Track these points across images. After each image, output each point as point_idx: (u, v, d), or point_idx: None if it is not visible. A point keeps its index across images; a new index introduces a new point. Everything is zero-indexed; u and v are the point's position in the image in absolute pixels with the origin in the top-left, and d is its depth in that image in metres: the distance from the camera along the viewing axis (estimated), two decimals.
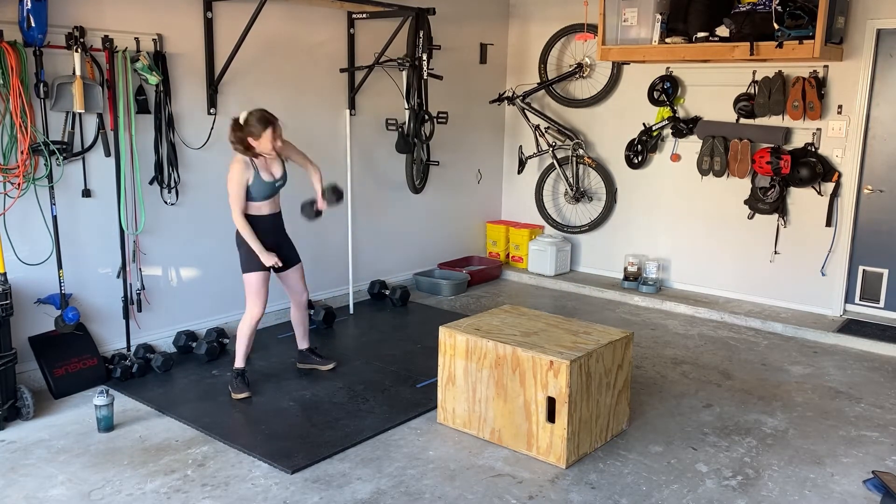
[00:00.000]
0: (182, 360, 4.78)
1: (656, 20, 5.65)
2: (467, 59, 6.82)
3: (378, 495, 3.30)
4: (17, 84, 3.92)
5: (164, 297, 4.89)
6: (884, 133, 5.52)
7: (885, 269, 5.64)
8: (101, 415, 3.86)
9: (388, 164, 6.23)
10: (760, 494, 3.37)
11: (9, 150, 4.02)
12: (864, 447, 3.84)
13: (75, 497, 3.25)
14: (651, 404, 4.29)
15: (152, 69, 4.48)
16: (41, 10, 3.94)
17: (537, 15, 7.03)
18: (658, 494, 3.35)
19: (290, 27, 5.36)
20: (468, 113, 6.90)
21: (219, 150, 5.03)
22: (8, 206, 4.07)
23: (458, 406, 3.90)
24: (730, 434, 3.95)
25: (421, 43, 5.63)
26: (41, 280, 4.25)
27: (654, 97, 6.36)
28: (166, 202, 4.79)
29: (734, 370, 4.86)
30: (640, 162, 6.55)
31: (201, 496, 3.27)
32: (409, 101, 5.79)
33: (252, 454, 3.62)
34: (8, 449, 3.66)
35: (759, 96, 5.79)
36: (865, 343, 5.28)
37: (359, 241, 6.12)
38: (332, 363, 4.67)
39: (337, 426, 3.92)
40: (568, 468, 3.55)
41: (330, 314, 5.49)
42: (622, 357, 3.83)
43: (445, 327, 3.93)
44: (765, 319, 5.74)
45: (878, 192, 5.59)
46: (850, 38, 5.47)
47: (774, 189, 5.83)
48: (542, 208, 7.19)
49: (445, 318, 5.36)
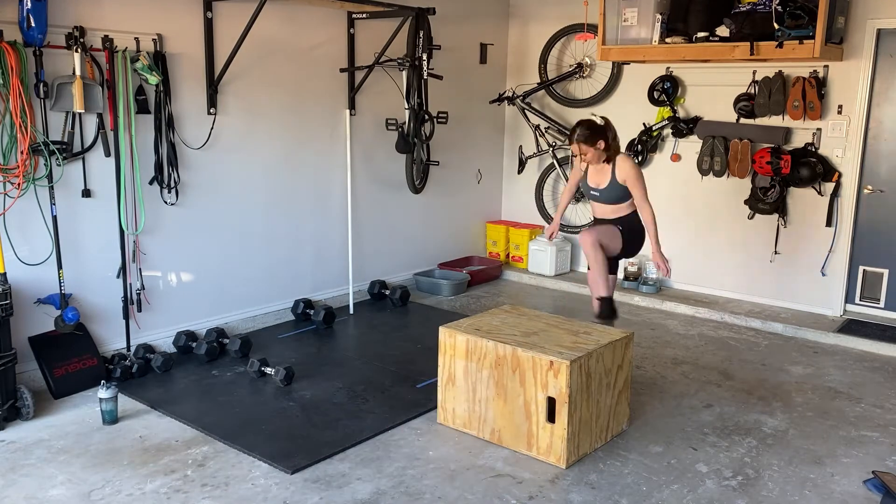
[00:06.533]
0: (182, 360, 4.78)
1: (656, 20, 5.65)
2: (467, 59, 6.81)
3: (378, 495, 3.30)
4: (17, 84, 3.92)
5: (164, 297, 4.89)
6: (884, 133, 5.52)
7: (886, 269, 5.64)
8: (106, 408, 3.88)
9: (388, 164, 6.23)
10: (760, 494, 3.37)
11: (9, 150, 4.02)
12: (864, 447, 3.84)
13: (75, 497, 3.25)
14: (651, 404, 4.29)
15: (152, 69, 4.48)
16: (41, 10, 3.94)
17: (537, 15, 7.03)
18: (658, 494, 3.35)
19: (290, 27, 5.36)
20: (468, 113, 6.90)
21: (219, 150, 5.04)
22: (8, 206, 4.07)
23: (458, 406, 3.90)
24: (730, 434, 3.95)
25: (421, 43, 5.63)
26: (41, 280, 4.25)
27: (655, 97, 6.36)
28: (166, 202, 4.79)
29: (734, 370, 4.86)
30: (640, 162, 6.54)
31: (201, 496, 3.27)
32: (409, 101, 5.79)
33: (252, 454, 3.61)
34: (8, 449, 3.66)
35: (760, 96, 5.79)
36: (866, 343, 5.28)
37: (359, 241, 6.12)
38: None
39: (337, 426, 3.92)
40: (568, 468, 3.55)
41: (330, 314, 5.48)
42: (622, 357, 3.83)
43: (445, 327, 3.93)
44: (765, 319, 5.74)
45: (878, 192, 5.59)
46: (850, 38, 5.47)
47: (774, 189, 5.83)
48: (542, 208, 7.19)
49: (445, 318, 5.36)
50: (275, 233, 5.49)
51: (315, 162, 5.70)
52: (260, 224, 5.38)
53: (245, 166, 5.23)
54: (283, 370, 4.39)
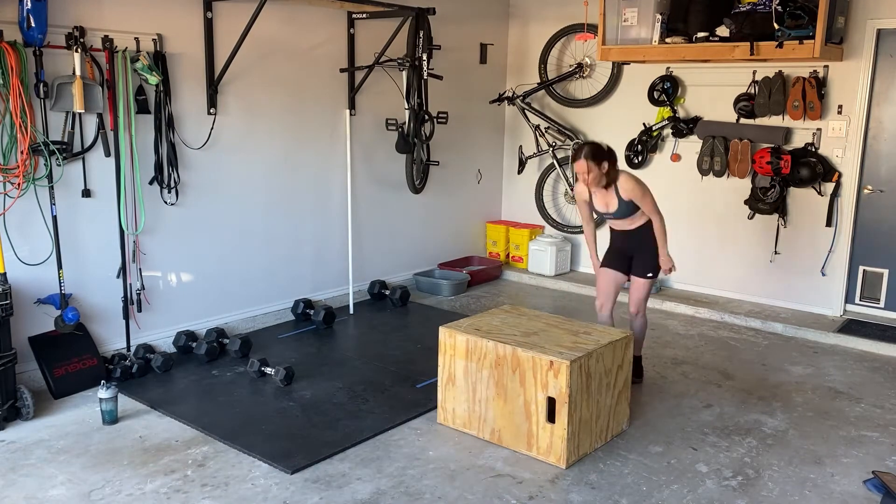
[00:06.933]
0: (182, 360, 4.78)
1: (656, 20, 5.65)
2: (467, 59, 6.81)
3: (378, 495, 3.30)
4: (17, 84, 3.92)
5: (164, 297, 4.88)
6: (884, 133, 5.52)
7: (885, 269, 5.64)
8: (106, 408, 3.89)
9: (388, 164, 6.23)
10: (760, 495, 3.37)
11: (9, 150, 4.02)
12: (864, 447, 3.84)
13: (75, 497, 3.25)
14: (651, 404, 4.29)
15: (152, 69, 4.48)
16: (41, 10, 3.94)
17: (537, 15, 7.03)
18: (658, 494, 3.35)
19: (290, 27, 5.36)
20: (468, 113, 6.90)
21: (219, 150, 5.04)
22: (8, 206, 4.07)
23: (458, 406, 3.90)
24: (730, 434, 3.95)
25: (421, 43, 5.62)
26: (41, 280, 4.25)
27: (655, 97, 6.36)
28: (166, 202, 4.79)
29: (734, 370, 4.86)
30: (640, 162, 6.55)
31: (201, 496, 3.27)
32: (409, 101, 5.78)
33: (252, 454, 3.61)
34: (8, 449, 3.66)
35: (760, 96, 5.79)
36: (865, 343, 5.28)
37: (359, 241, 6.12)
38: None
39: (337, 426, 3.92)
40: (568, 468, 3.55)
41: (330, 314, 5.48)
42: (622, 357, 3.83)
43: (445, 327, 3.93)
44: (765, 319, 5.74)
45: (878, 192, 5.59)
46: (850, 38, 5.47)
47: (774, 189, 5.83)
48: (542, 208, 7.19)
49: (445, 318, 5.36)
50: (275, 233, 5.49)
51: (315, 162, 5.70)
52: (260, 224, 5.38)
53: (245, 166, 5.23)
54: (283, 370, 4.39)
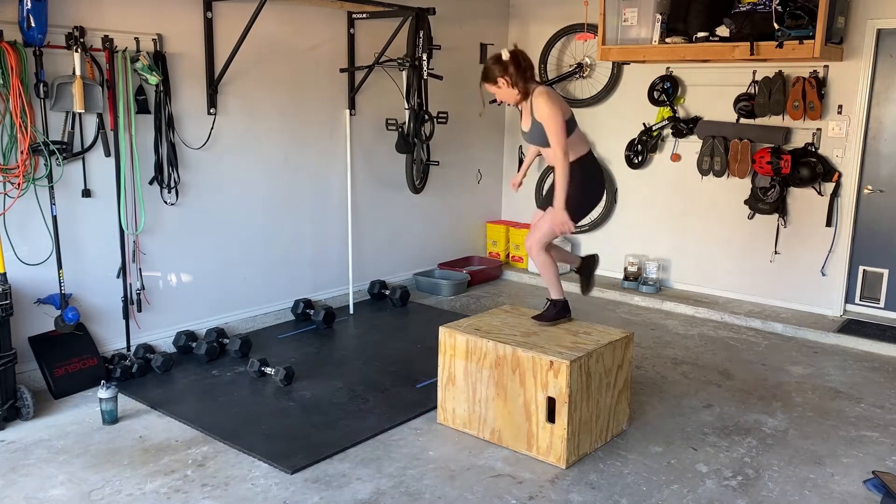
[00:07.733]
0: (182, 360, 4.78)
1: (656, 20, 5.65)
2: (467, 59, 6.81)
3: (378, 495, 3.30)
4: (17, 84, 3.92)
5: (164, 297, 4.88)
6: (884, 133, 5.52)
7: (886, 269, 5.64)
8: (106, 408, 3.89)
9: (388, 164, 6.23)
10: (760, 495, 3.37)
11: (9, 150, 4.02)
12: (864, 447, 3.84)
13: (75, 497, 3.25)
14: (651, 404, 4.29)
15: (152, 69, 4.48)
16: (41, 10, 3.94)
17: (537, 15, 7.03)
18: (658, 494, 3.35)
19: (290, 27, 5.36)
20: (468, 113, 6.90)
21: (219, 151, 5.04)
22: (8, 206, 4.07)
23: (458, 406, 3.90)
24: (730, 434, 3.95)
25: (421, 43, 5.63)
26: (41, 280, 4.25)
27: (655, 97, 6.36)
28: (166, 202, 4.79)
29: (734, 370, 4.86)
30: (640, 162, 6.55)
31: (201, 496, 3.27)
32: (409, 101, 5.79)
33: (252, 454, 3.61)
34: (8, 449, 3.66)
35: (760, 96, 5.79)
36: (866, 343, 5.28)
37: (359, 241, 6.12)
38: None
39: (337, 426, 3.92)
40: (568, 468, 3.55)
41: (330, 314, 5.48)
42: (622, 357, 3.83)
43: (445, 327, 3.93)
44: (765, 319, 5.74)
45: (878, 192, 5.59)
46: (850, 38, 5.47)
47: (774, 189, 5.83)
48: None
49: (445, 318, 5.36)
50: (275, 233, 5.49)
51: (315, 162, 5.70)
52: (260, 224, 5.38)
53: (245, 166, 5.23)
54: (283, 370, 4.39)
